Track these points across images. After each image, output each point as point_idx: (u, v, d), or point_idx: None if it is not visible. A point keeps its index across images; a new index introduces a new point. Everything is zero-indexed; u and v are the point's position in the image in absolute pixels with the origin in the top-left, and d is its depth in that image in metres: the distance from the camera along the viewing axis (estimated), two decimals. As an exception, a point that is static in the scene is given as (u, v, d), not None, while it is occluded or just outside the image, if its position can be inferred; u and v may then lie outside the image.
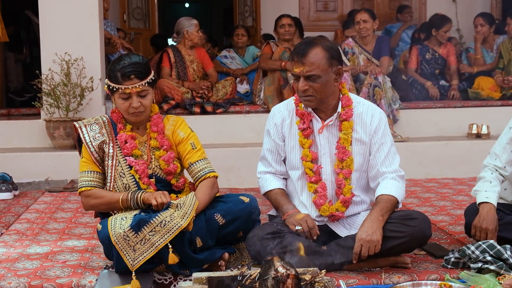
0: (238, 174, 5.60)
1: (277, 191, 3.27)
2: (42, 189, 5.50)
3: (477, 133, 6.21)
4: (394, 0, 9.91)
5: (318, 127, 3.19)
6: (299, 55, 3.06)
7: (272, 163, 3.30)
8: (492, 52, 7.53)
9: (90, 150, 3.17)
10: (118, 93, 3.09)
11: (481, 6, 9.52)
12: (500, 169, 3.33)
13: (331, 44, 3.15)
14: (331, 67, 3.07)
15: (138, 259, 2.94)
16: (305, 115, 3.19)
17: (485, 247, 3.01)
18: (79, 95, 5.83)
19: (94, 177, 3.19)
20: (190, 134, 3.27)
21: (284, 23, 6.68)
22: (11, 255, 3.49)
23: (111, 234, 2.93)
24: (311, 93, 3.08)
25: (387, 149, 3.20)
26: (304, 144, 3.18)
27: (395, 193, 3.10)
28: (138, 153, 3.19)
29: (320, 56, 3.05)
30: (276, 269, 2.46)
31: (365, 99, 5.90)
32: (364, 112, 3.21)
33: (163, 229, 2.95)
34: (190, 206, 3.01)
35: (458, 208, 4.49)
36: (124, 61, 3.09)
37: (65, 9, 5.97)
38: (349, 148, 3.15)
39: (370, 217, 3.02)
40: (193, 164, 3.23)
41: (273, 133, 3.27)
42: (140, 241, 2.95)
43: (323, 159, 3.19)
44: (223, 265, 3.12)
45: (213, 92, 6.58)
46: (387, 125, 3.25)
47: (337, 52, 3.14)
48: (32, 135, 6.08)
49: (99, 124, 3.24)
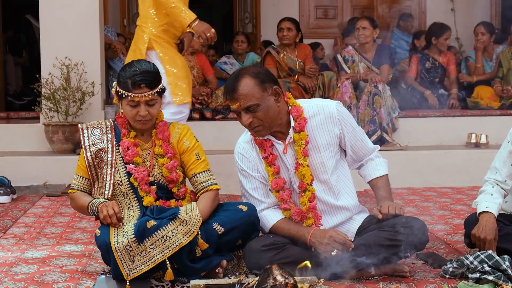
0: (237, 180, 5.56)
1: (282, 221, 3.18)
2: (40, 193, 5.49)
3: (476, 142, 6.21)
4: (395, 8, 9.93)
5: (281, 148, 3.16)
6: (230, 92, 3.03)
7: (262, 199, 3.22)
8: (491, 61, 7.54)
9: (86, 155, 3.18)
10: (127, 100, 3.09)
11: (480, 15, 9.53)
12: (501, 183, 3.34)
13: (258, 69, 3.13)
14: (265, 91, 3.03)
15: (135, 269, 2.94)
16: (264, 143, 3.16)
17: (483, 258, 3.01)
18: (79, 99, 5.83)
19: (81, 182, 3.22)
20: (195, 144, 3.27)
21: (283, 27, 6.62)
22: (8, 259, 3.49)
23: (112, 242, 2.93)
24: (257, 123, 3.05)
25: (359, 132, 3.26)
26: (269, 172, 3.16)
27: (386, 170, 3.31)
28: (139, 160, 3.18)
29: (250, 86, 3.01)
30: (275, 277, 2.45)
31: (365, 107, 6.02)
32: (320, 112, 3.17)
33: (163, 244, 2.96)
34: (195, 224, 3.01)
35: (457, 217, 4.48)
36: (135, 68, 3.09)
37: (66, 14, 5.97)
38: (301, 161, 3.12)
39: (384, 200, 3.15)
40: (197, 175, 3.23)
41: (249, 170, 3.21)
42: (140, 253, 2.94)
43: (295, 177, 3.17)
44: (220, 272, 3.10)
45: (213, 99, 6.58)
46: (345, 110, 3.25)
47: (266, 74, 3.10)
48: (31, 139, 6.08)
49: (101, 129, 3.23)
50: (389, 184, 3.31)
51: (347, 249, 2.98)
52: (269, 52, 6.68)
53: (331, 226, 3.22)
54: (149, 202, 3.14)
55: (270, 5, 9.74)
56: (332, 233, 3.02)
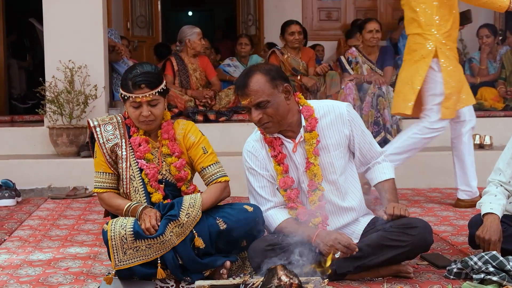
0: (241, 182, 5.54)
1: (288, 221, 3.17)
2: (45, 196, 5.51)
3: (480, 144, 6.20)
4: (398, 10, 9.93)
5: (291, 147, 3.17)
6: (241, 88, 3.06)
7: (269, 198, 3.22)
8: (495, 62, 7.54)
9: (103, 151, 3.21)
10: (129, 101, 3.13)
11: (483, 16, 9.53)
12: (504, 184, 3.34)
13: (269, 66, 3.15)
14: (276, 88, 3.05)
15: (126, 262, 2.98)
16: (273, 142, 3.17)
17: (487, 258, 3.01)
18: (83, 102, 5.85)
19: (106, 178, 3.23)
20: (201, 138, 3.29)
21: (294, 30, 6.62)
22: (14, 261, 3.50)
23: (109, 229, 2.97)
24: (267, 119, 3.06)
25: (368, 135, 3.28)
26: (277, 170, 3.17)
27: (393, 174, 3.33)
28: (150, 157, 3.21)
29: (261, 82, 3.03)
30: (279, 278, 2.46)
31: (369, 108, 6.02)
32: (330, 112, 3.19)
33: (160, 245, 3.00)
34: (191, 225, 3.05)
35: (461, 218, 4.49)
36: (136, 70, 3.13)
37: (70, 17, 6.00)
38: (313, 160, 3.13)
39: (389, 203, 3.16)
40: (206, 169, 3.25)
41: (257, 168, 3.21)
42: (134, 247, 2.98)
43: (303, 176, 3.19)
44: (225, 273, 3.11)
45: (216, 101, 6.59)
46: (355, 112, 3.27)
47: (277, 72, 3.13)
48: (35, 142, 6.10)
49: (113, 124, 3.26)
50: (396, 187, 3.31)
51: (351, 252, 2.97)
52: (274, 51, 6.69)
53: (337, 227, 3.22)
54: (158, 199, 3.17)
55: (273, 7, 9.76)
56: (337, 236, 3.01)
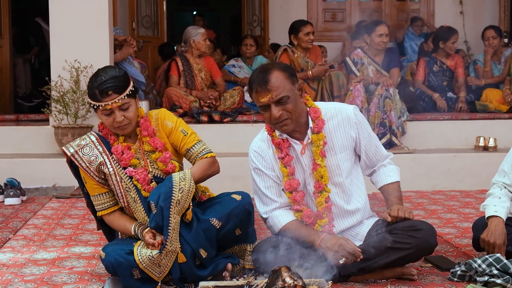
0: (245, 183, 5.57)
1: (293, 223, 3.17)
2: (50, 195, 5.52)
3: (484, 146, 6.20)
4: (403, 12, 9.94)
5: (299, 149, 3.17)
6: (261, 84, 3.03)
7: (275, 198, 3.21)
8: (500, 64, 7.52)
9: (91, 175, 3.16)
10: (100, 110, 3.08)
11: (489, 18, 9.53)
12: (509, 186, 3.33)
13: (284, 64, 3.18)
14: (293, 84, 3.08)
15: (164, 271, 3.01)
16: (281, 144, 3.17)
17: (491, 261, 3.01)
18: (88, 102, 5.85)
19: (105, 198, 3.21)
20: (177, 121, 3.26)
21: (310, 31, 6.58)
22: (18, 260, 3.52)
23: (136, 254, 2.97)
24: (286, 116, 3.06)
25: (374, 138, 3.29)
26: (284, 172, 3.17)
27: (398, 177, 3.32)
28: (136, 162, 3.17)
29: (281, 78, 3.04)
30: (284, 279, 2.47)
31: (376, 110, 6.02)
32: (337, 114, 3.20)
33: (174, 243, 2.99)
34: (187, 199, 3.00)
35: (465, 220, 4.48)
36: (100, 77, 3.07)
37: (75, 17, 6.01)
38: (319, 162, 3.13)
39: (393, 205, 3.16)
40: (190, 150, 3.23)
41: (263, 168, 3.21)
42: (163, 256, 2.99)
43: (310, 178, 3.18)
44: (227, 276, 3.11)
45: (221, 101, 6.59)
46: (362, 115, 3.28)
47: (292, 69, 3.18)
48: (40, 141, 6.12)
49: (89, 145, 3.18)
50: (400, 190, 3.31)
51: (356, 259, 2.98)
52: (286, 50, 6.67)
53: (342, 229, 3.23)
54: None
55: (278, 8, 9.77)
56: (342, 242, 3.01)
